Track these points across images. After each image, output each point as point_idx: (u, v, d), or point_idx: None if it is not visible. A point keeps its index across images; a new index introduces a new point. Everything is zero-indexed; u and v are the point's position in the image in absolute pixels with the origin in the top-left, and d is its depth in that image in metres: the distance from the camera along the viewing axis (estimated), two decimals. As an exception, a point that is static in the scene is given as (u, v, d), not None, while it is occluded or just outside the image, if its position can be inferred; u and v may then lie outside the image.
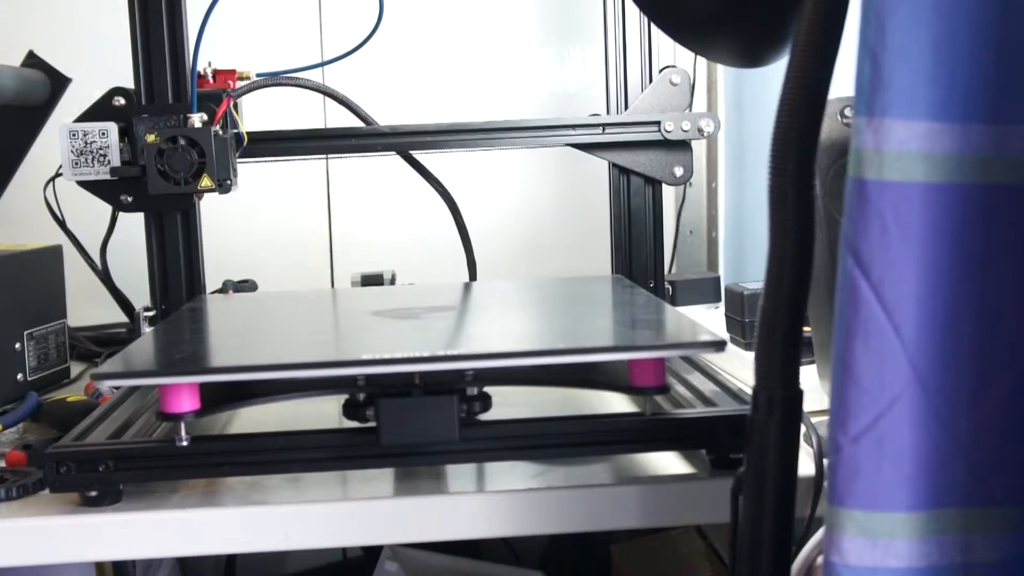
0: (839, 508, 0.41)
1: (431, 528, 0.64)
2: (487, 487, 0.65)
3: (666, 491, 0.65)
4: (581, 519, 0.64)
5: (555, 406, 0.76)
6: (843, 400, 0.41)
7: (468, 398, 0.65)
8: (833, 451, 0.41)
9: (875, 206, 0.39)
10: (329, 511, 0.63)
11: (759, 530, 0.48)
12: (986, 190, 0.39)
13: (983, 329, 0.40)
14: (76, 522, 0.62)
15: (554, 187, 1.44)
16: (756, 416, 0.48)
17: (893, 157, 0.39)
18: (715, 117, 0.98)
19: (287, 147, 0.98)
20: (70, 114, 0.91)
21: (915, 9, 0.38)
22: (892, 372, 0.40)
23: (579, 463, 0.68)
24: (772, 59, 0.61)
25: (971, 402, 0.41)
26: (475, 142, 0.98)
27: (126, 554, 0.66)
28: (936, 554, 0.41)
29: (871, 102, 0.39)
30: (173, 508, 0.63)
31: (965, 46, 0.38)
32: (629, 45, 1.01)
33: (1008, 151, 0.39)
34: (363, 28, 0.96)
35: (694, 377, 0.78)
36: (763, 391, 0.48)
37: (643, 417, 0.66)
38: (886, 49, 0.38)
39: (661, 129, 0.98)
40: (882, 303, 0.40)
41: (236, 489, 0.66)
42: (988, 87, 0.39)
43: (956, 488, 0.41)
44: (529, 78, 1.44)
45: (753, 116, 1.35)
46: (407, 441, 0.63)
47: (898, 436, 0.40)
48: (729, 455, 0.66)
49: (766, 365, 0.48)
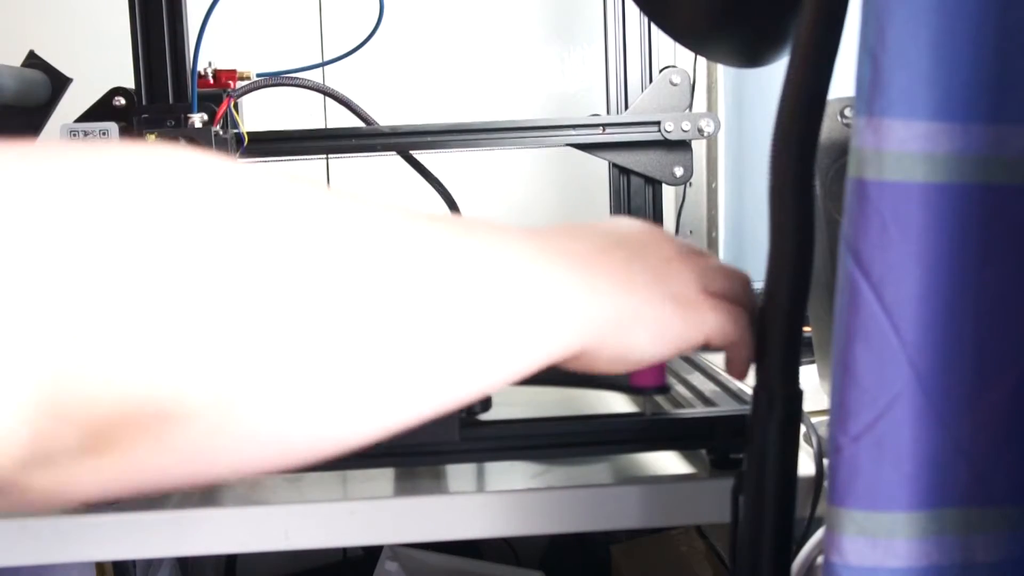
0: (839, 508, 0.41)
1: (431, 528, 0.64)
2: (487, 487, 0.65)
3: (666, 491, 0.65)
4: (581, 519, 0.64)
5: (555, 406, 0.76)
6: (843, 400, 0.41)
7: (468, 398, 0.65)
8: (833, 451, 0.41)
9: (875, 206, 0.39)
10: (329, 511, 0.63)
11: (759, 530, 0.48)
12: (986, 190, 0.39)
13: (983, 329, 0.40)
14: (76, 522, 0.62)
15: (554, 187, 1.44)
16: (756, 416, 0.48)
17: (893, 157, 0.39)
18: (715, 117, 0.98)
19: (287, 147, 0.98)
20: (70, 114, 0.91)
21: (915, 9, 0.38)
22: (892, 372, 0.40)
23: (579, 463, 0.68)
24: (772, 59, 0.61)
25: (971, 402, 0.41)
26: (475, 142, 0.98)
27: (126, 554, 0.66)
28: (936, 554, 0.41)
29: (871, 102, 0.39)
30: (173, 508, 0.63)
31: (965, 46, 0.38)
32: (629, 45, 1.01)
33: (1008, 151, 0.39)
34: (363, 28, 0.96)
35: (694, 377, 0.78)
36: (763, 391, 0.48)
37: (643, 417, 0.66)
38: (886, 49, 0.38)
39: (661, 129, 0.98)
40: (882, 303, 0.40)
41: (236, 489, 0.66)
42: (988, 87, 0.39)
43: (956, 488, 0.41)
44: (529, 78, 1.44)
45: (753, 116, 1.35)
46: (407, 441, 0.63)
47: (898, 436, 0.40)
48: (729, 455, 0.66)
49: (766, 365, 0.48)
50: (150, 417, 0.27)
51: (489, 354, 0.36)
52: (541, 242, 0.40)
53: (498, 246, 0.37)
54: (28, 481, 0.27)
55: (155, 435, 0.28)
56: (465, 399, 0.36)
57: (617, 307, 0.42)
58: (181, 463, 0.29)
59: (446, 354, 0.34)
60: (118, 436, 0.27)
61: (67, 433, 0.27)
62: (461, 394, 0.35)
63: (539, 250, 0.40)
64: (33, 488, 0.28)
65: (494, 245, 0.37)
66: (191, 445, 0.29)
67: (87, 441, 0.27)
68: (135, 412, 0.27)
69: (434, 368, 0.33)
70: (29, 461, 0.27)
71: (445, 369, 0.34)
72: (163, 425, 0.28)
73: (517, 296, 0.37)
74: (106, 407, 0.27)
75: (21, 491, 0.28)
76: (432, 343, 0.33)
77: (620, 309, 0.42)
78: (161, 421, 0.28)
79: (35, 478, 0.27)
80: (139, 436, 0.28)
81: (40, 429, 0.26)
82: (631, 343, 0.43)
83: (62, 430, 0.26)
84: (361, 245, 0.32)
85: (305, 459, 0.32)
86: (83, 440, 0.27)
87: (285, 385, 0.29)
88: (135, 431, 0.28)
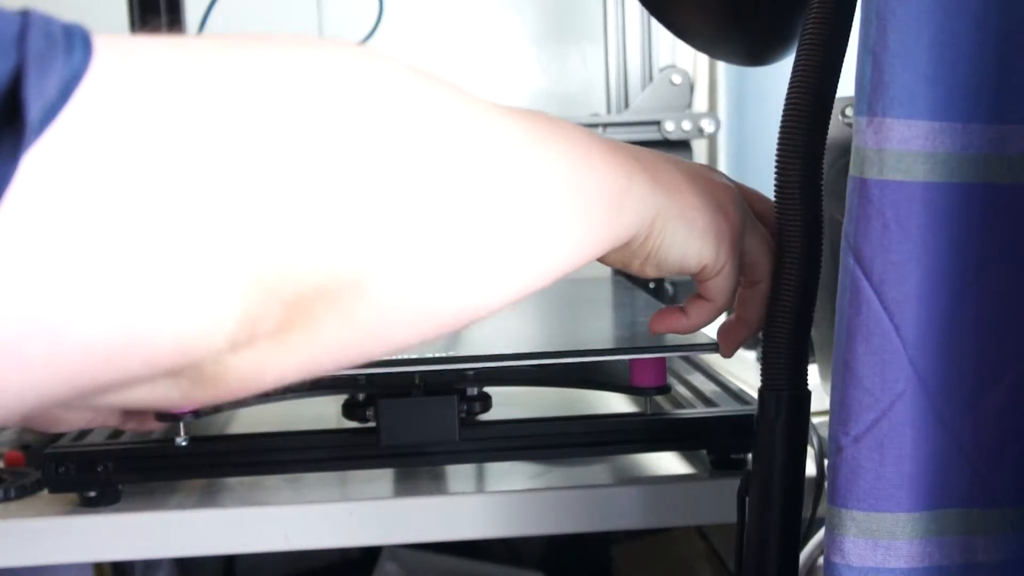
0: (840, 509, 0.41)
1: (431, 528, 0.64)
2: (487, 487, 0.65)
3: (666, 491, 0.65)
4: (581, 519, 0.64)
5: (555, 406, 0.76)
6: (845, 400, 0.41)
7: (468, 398, 0.65)
8: (834, 451, 0.41)
9: (876, 206, 0.39)
10: (329, 511, 0.63)
11: (766, 531, 0.48)
12: (987, 189, 0.39)
13: (984, 329, 0.40)
14: (75, 522, 0.62)
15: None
16: (763, 417, 0.48)
17: (894, 157, 0.39)
18: (716, 117, 0.98)
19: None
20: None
21: (916, 9, 0.38)
22: (893, 372, 0.40)
23: (579, 463, 0.68)
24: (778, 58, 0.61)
25: (972, 402, 0.41)
26: (475, 142, 0.98)
27: (125, 554, 0.66)
28: (937, 555, 0.41)
29: (872, 102, 0.39)
30: (172, 508, 0.63)
31: (966, 45, 0.38)
32: (629, 44, 1.01)
33: (1009, 150, 0.39)
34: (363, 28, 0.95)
35: (695, 377, 0.78)
36: (770, 392, 0.48)
37: (643, 417, 0.66)
38: (887, 49, 0.38)
39: (661, 129, 0.97)
40: (883, 303, 0.40)
41: (236, 489, 0.66)
42: (989, 86, 0.39)
43: (957, 489, 0.41)
44: (529, 77, 1.44)
45: (754, 116, 1.35)
46: (407, 441, 0.63)
47: (899, 436, 0.40)
48: (730, 455, 0.66)
49: (773, 366, 0.48)
50: (339, 289, 0.31)
51: (573, 225, 0.40)
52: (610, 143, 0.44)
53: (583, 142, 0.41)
54: (228, 364, 0.31)
55: (341, 308, 0.32)
56: (561, 267, 0.40)
57: (672, 200, 0.45)
58: (361, 336, 0.34)
59: (538, 224, 0.38)
60: (312, 311, 0.31)
61: (272, 310, 0.30)
62: (554, 263, 0.39)
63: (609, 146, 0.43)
64: (231, 371, 0.31)
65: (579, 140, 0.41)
66: (370, 317, 0.33)
67: (286, 318, 0.31)
68: (327, 284, 0.31)
69: (532, 235, 0.38)
70: (237, 342, 0.30)
71: (541, 236, 0.38)
72: (348, 296, 0.32)
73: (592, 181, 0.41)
74: (306, 280, 0.30)
75: (221, 375, 0.31)
76: (527, 216, 0.38)
77: (674, 203, 0.45)
78: (347, 292, 0.32)
79: (236, 360, 0.31)
80: (329, 310, 0.32)
81: (250, 308, 0.29)
82: (679, 236, 0.45)
83: (269, 307, 0.30)
84: (476, 146, 0.36)
85: (454, 325, 0.37)
86: (283, 317, 0.31)
87: (436, 256, 0.34)
88: (326, 305, 0.31)
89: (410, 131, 0.34)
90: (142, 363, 0.28)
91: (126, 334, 0.27)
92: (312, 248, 0.30)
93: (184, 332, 0.28)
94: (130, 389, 0.30)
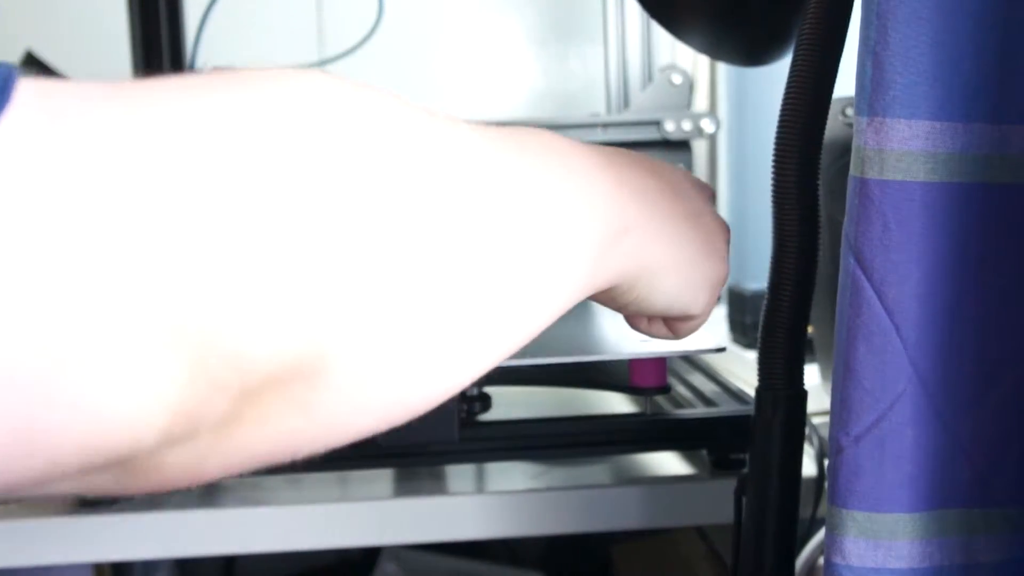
0: (841, 509, 0.41)
1: (431, 529, 0.64)
2: (487, 487, 0.65)
3: (666, 492, 0.65)
4: (581, 519, 0.64)
5: (555, 406, 0.76)
6: (845, 400, 0.41)
7: (468, 398, 0.65)
8: (834, 452, 0.41)
9: (877, 206, 0.39)
10: (329, 511, 0.63)
11: (762, 531, 0.48)
12: (988, 189, 0.39)
13: (985, 329, 0.40)
14: (75, 522, 0.62)
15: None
16: (760, 416, 0.48)
17: (895, 156, 0.39)
18: (716, 117, 0.98)
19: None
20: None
21: (917, 8, 0.38)
22: (894, 372, 0.40)
23: (579, 463, 0.68)
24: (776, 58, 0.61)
25: (973, 402, 0.41)
26: (475, 142, 0.98)
27: (125, 555, 0.66)
28: (938, 555, 0.41)
29: (872, 102, 0.39)
30: (173, 508, 0.63)
31: (967, 45, 0.38)
32: (629, 44, 1.01)
33: (1010, 150, 0.39)
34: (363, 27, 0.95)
35: (695, 377, 0.78)
36: (767, 391, 0.48)
37: (643, 417, 0.66)
38: (888, 49, 0.38)
39: (661, 129, 0.97)
40: (884, 303, 0.39)
41: (236, 489, 0.65)
42: (990, 86, 0.39)
43: (958, 489, 0.41)
44: (529, 77, 1.44)
45: (754, 116, 1.35)
46: (407, 441, 0.63)
47: (900, 436, 0.40)
48: (730, 455, 0.66)
49: (770, 365, 0.48)
50: (293, 376, 0.27)
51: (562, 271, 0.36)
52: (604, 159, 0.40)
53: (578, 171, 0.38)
54: (164, 459, 0.27)
55: (298, 399, 0.28)
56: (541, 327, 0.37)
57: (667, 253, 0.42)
58: (320, 429, 0.30)
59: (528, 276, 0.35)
60: (262, 401, 0.27)
61: (214, 401, 0.26)
62: (538, 326, 0.37)
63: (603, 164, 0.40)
64: (169, 465, 0.27)
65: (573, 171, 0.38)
66: (331, 408, 0.29)
67: (233, 409, 0.27)
68: (280, 372, 0.27)
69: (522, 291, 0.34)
70: (174, 437, 0.26)
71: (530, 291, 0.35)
72: (304, 385, 0.28)
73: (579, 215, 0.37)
74: (254, 367, 0.26)
75: (155, 469, 0.27)
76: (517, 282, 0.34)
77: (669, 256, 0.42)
78: (303, 380, 0.28)
79: (173, 455, 0.27)
80: (281, 400, 0.28)
81: (186, 400, 0.25)
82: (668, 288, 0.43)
83: (210, 398, 0.26)
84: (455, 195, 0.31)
85: (428, 408, 0.33)
86: (229, 409, 0.27)
87: (407, 338, 0.30)
88: (278, 394, 0.27)
89: (376, 178, 0.29)
90: (48, 464, 0.24)
91: (17, 435, 0.23)
92: (261, 328, 0.26)
93: (95, 431, 0.24)
94: (56, 483, 0.26)
